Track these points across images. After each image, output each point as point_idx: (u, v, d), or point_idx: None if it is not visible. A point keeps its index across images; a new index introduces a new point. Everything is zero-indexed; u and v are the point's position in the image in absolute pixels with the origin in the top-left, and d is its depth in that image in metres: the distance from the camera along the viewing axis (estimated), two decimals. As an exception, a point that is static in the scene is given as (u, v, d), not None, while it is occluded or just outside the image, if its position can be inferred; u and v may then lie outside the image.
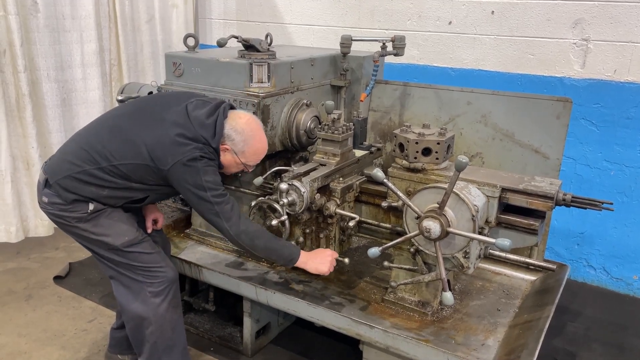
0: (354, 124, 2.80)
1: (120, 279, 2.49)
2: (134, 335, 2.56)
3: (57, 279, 3.71)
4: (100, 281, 3.64)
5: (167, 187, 2.40)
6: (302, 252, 2.53)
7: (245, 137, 2.39)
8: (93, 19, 4.01)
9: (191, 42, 3.13)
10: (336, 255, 2.60)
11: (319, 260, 2.54)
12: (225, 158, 2.43)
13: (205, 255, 3.03)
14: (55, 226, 3.91)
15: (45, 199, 2.40)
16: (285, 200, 2.45)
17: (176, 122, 2.32)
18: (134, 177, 2.34)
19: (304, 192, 2.41)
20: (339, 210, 2.55)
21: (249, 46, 2.85)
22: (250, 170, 2.57)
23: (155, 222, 2.75)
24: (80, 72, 4.02)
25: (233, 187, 3.10)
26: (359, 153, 2.82)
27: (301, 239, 2.67)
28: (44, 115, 3.83)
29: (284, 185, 2.46)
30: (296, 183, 2.43)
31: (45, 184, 2.40)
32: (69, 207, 2.37)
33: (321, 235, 2.63)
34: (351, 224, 2.57)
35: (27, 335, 3.11)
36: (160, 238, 2.80)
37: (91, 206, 2.37)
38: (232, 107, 2.49)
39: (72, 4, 3.90)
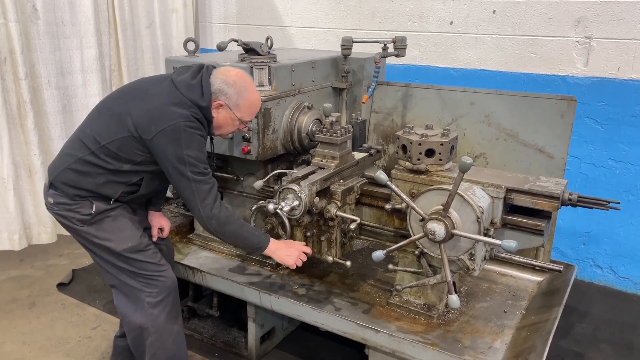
0: (352, 126, 2.77)
1: (121, 287, 2.47)
2: (135, 346, 2.55)
3: (61, 286, 3.70)
4: (104, 288, 3.63)
5: (158, 166, 2.33)
6: (272, 240, 2.48)
7: (238, 89, 2.33)
8: (93, 24, 4.00)
9: (191, 46, 3.12)
10: (307, 250, 2.55)
11: (287, 252, 2.48)
12: (220, 116, 2.36)
13: (208, 261, 3.02)
14: (59, 233, 3.97)
15: (50, 200, 2.40)
16: (282, 204, 2.43)
17: (161, 92, 2.29)
18: (122, 154, 2.29)
19: (302, 196, 2.39)
20: (339, 213, 2.53)
21: (249, 50, 2.84)
22: (245, 129, 2.52)
23: (161, 230, 2.73)
24: (81, 79, 4.01)
25: (235, 192, 3.09)
26: (358, 155, 2.80)
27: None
28: (45, 122, 3.83)
29: (290, 194, 2.43)
30: (294, 186, 2.41)
31: (50, 185, 2.40)
32: (73, 207, 2.35)
33: (322, 238, 2.61)
34: (352, 226, 2.56)
35: (31, 343, 3.10)
36: (166, 246, 2.80)
37: (94, 207, 2.35)
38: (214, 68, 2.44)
39: (72, 10, 3.89)
